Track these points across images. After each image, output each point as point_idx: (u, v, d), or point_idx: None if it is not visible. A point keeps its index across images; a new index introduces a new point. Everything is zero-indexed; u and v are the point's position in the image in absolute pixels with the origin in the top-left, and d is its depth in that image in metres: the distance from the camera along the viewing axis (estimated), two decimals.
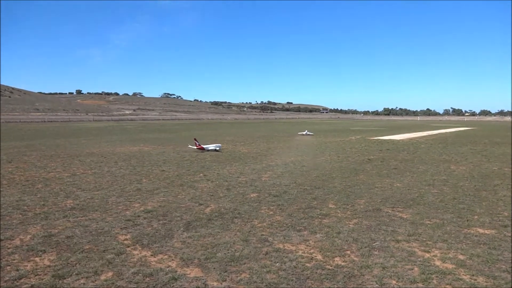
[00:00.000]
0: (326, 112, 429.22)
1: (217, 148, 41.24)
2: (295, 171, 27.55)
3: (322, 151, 41.77)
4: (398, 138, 62.99)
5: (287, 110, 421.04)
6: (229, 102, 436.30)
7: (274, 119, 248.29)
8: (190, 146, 44.98)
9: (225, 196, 19.69)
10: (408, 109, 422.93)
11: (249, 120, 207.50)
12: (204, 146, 41.04)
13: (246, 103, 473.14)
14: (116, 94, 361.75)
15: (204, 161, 32.84)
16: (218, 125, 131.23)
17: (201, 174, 26.03)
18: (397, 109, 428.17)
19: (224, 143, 51.76)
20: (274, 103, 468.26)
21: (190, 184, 22.77)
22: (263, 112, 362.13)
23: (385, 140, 59.17)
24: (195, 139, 44.30)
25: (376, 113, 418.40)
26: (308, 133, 77.34)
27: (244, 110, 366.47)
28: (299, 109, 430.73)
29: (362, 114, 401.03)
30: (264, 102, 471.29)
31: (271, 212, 16.75)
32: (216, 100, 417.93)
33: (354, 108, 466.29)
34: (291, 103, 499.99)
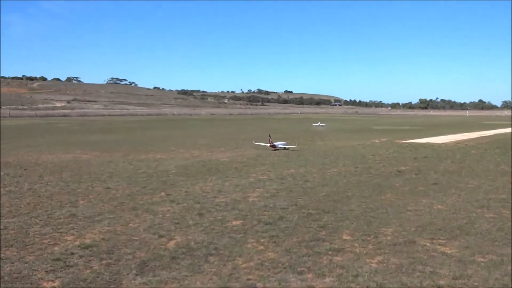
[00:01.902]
0: (340, 105, 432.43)
1: (286, 147, 49.25)
2: (296, 189, 27.52)
3: (333, 159, 41.92)
4: (440, 141, 63.66)
5: (285, 102, 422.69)
6: (203, 91, 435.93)
7: (267, 114, 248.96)
8: (255, 142, 52.95)
9: (196, 224, 19.54)
10: (453, 100, 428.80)
11: (231, 117, 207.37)
12: (275, 144, 48.74)
13: (227, 92, 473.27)
14: (43, 79, 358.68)
15: (167, 174, 32.67)
16: (187, 122, 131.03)
17: (163, 193, 25.85)
18: (438, 100, 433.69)
19: (195, 148, 51.68)
20: (267, 93, 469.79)
21: (147, 207, 22.56)
22: (251, 104, 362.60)
23: (421, 144, 59.71)
24: (269, 135, 51.17)
25: (409, 106, 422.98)
26: (321, 124, 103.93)
27: (224, 102, 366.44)
28: (301, 100, 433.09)
29: (389, 108, 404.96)
30: (252, 91, 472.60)
31: (261, 247, 16.66)
32: (185, 89, 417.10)
33: (378, 100, 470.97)
34: (290, 92, 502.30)
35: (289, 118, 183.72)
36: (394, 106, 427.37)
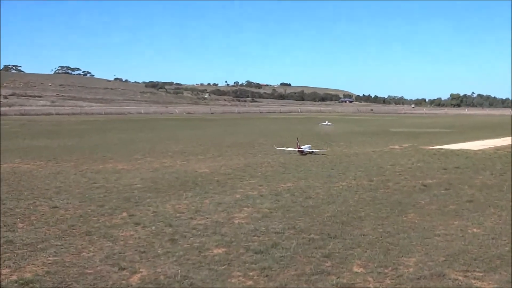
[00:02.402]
0: (350, 102, 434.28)
1: (313, 151, 55.65)
2: (294, 207, 27.50)
3: (342, 170, 41.97)
4: (476, 147, 64.00)
5: (282, 97, 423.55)
6: (177, 84, 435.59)
7: (259, 113, 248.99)
8: (278, 147, 58.97)
9: (167, 253, 19.49)
10: (493, 96, 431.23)
11: (213, 116, 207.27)
12: (303, 147, 55.24)
13: (208, 85, 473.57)
14: None
15: (131, 189, 32.51)
16: (157, 123, 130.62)
17: (125, 214, 25.74)
18: (474, 96, 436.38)
19: (167, 156, 51.56)
20: (258, 86, 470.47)
21: (105, 231, 22.44)
22: (239, 100, 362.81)
23: (452, 151, 59.99)
24: (297, 139, 58.02)
25: (438, 103, 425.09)
26: (329, 124, 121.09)
27: (204, 98, 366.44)
28: (302, 95, 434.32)
29: (413, 105, 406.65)
30: (240, 83, 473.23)
31: (250, 282, 16.63)
32: (155, 80, 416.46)
33: (398, 95, 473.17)
34: (288, 85, 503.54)
35: (286, 118, 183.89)
36: (419, 103, 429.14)
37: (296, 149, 54.65)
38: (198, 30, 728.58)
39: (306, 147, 55.64)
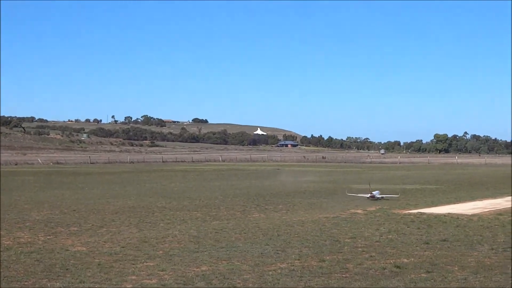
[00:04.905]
0: (294, 146, 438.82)
1: (384, 196, 76.88)
2: None
3: (281, 246, 41.87)
4: (470, 211, 65.24)
5: (195, 139, 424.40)
6: (41, 120, 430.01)
7: (161, 162, 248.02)
8: (350, 193, 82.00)
9: None
10: (493, 138, 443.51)
11: (94, 167, 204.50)
12: (374, 193, 75.88)
13: (87, 121, 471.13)
14: None
15: None
16: (9, 179, 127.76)
17: None
18: (467, 137, 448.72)
19: (24, 228, 50.54)
20: (161, 123, 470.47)
21: None
22: (133, 144, 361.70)
23: (437, 216, 60.75)
24: (369, 184, 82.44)
25: (417, 147, 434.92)
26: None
27: (81, 141, 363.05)
28: (224, 137, 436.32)
29: (382, 151, 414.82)
30: (134, 120, 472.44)
31: None
32: (7, 115, 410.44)
33: (361, 137, 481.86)
34: (205, 121, 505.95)
35: (201, 170, 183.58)
36: (391, 147, 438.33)
37: (368, 195, 75.05)
38: (71, 45, 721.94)
39: (376, 193, 75.87)
